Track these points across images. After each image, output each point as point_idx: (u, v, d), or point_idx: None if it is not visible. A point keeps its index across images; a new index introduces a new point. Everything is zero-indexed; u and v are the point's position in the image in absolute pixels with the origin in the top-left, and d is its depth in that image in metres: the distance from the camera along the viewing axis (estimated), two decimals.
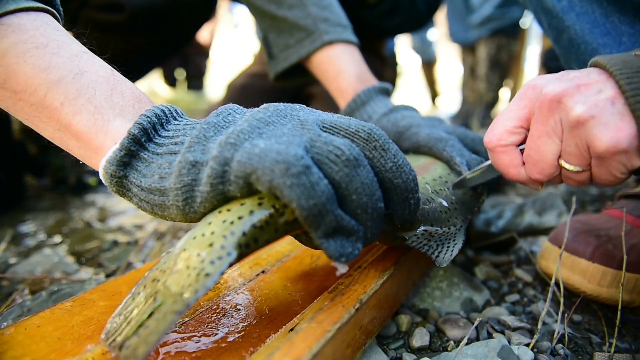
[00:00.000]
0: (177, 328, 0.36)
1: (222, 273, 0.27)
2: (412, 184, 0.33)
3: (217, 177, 0.29)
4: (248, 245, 0.28)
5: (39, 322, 0.35)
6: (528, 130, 0.37)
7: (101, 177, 0.34)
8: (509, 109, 0.38)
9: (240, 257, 0.28)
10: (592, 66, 0.35)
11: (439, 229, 0.40)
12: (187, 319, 0.37)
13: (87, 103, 0.33)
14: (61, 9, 0.38)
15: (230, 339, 0.35)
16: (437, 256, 0.40)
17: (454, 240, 0.42)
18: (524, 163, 0.38)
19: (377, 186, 0.31)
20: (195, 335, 0.35)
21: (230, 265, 0.27)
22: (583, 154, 0.34)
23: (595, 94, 0.32)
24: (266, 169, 0.27)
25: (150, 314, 0.27)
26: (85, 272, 0.59)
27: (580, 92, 0.33)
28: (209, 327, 0.36)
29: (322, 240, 0.29)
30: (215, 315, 0.38)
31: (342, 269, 0.30)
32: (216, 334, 0.35)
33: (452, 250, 0.41)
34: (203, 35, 2.56)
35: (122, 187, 0.34)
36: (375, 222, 0.31)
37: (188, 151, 0.31)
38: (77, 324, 0.35)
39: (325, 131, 0.33)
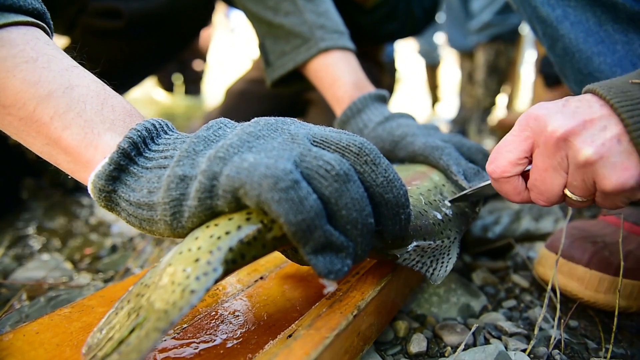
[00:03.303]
0: (175, 334, 0.36)
1: (208, 290, 0.26)
2: (403, 199, 0.33)
3: (205, 191, 0.29)
4: (235, 261, 0.28)
5: (38, 329, 0.35)
6: (530, 158, 0.37)
7: (90, 191, 0.33)
8: (511, 139, 0.38)
9: (226, 273, 0.28)
10: (589, 92, 0.35)
11: (432, 242, 0.40)
12: (185, 325, 0.37)
13: (77, 117, 0.32)
14: (52, 23, 0.37)
15: (229, 345, 0.35)
16: (431, 274, 0.39)
17: (447, 255, 0.41)
18: (526, 187, 0.39)
19: (368, 201, 0.30)
20: (193, 342, 0.35)
21: (216, 281, 0.27)
22: (589, 187, 0.34)
23: (601, 131, 0.32)
24: (254, 184, 0.27)
25: (132, 330, 0.26)
26: (84, 278, 0.59)
27: (587, 129, 0.33)
28: (208, 333, 0.36)
29: (311, 257, 0.28)
30: (213, 321, 0.38)
31: (330, 286, 0.30)
32: (214, 341, 0.35)
33: (447, 266, 0.40)
34: (200, 40, 2.57)
35: (110, 201, 0.33)
36: (365, 238, 0.31)
37: (177, 165, 0.31)
38: (75, 331, 0.35)
39: (316, 145, 0.33)
